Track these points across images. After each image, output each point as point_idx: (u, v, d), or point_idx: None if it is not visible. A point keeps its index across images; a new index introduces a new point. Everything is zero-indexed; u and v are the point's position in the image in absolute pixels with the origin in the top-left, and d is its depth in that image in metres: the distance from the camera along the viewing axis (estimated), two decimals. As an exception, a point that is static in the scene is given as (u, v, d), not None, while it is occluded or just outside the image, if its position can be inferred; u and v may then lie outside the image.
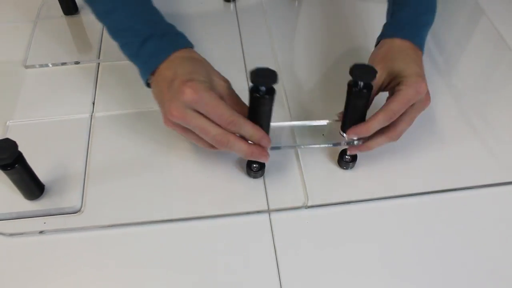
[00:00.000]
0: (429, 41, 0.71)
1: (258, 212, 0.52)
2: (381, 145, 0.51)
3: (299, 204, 0.52)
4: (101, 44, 0.69)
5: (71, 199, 0.52)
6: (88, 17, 0.73)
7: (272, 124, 0.50)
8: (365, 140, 0.52)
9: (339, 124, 0.53)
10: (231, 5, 0.75)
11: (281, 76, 0.64)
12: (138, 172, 0.54)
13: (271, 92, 0.46)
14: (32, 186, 0.50)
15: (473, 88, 0.65)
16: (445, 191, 0.53)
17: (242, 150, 0.47)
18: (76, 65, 0.66)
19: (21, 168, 0.47)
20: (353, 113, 0.50)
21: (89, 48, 0.68)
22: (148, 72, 0.50)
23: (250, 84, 0.45)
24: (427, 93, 0.50)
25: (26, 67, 0.65)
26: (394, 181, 0.54)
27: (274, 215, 0.51)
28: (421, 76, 0.49)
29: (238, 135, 0.47)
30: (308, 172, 0.54)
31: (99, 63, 0.66)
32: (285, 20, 0.74)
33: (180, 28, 0.53)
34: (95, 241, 0.49)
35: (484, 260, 0.49)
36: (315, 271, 0.48)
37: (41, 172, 0.52)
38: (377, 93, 0.52)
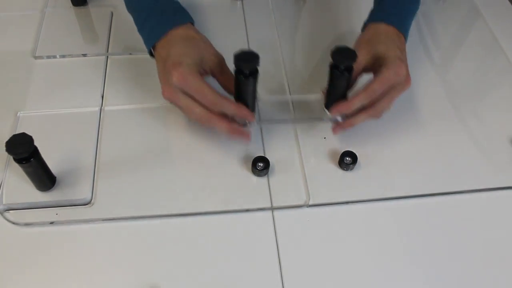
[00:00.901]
0: (426, 34, 0.73)
1: (262, 209, 0.54)
2: (363, 121, 0.55)
3: (301, 202, 0.54)
4: (109, 37, 0.70)
5: (81, 191, 0.54)
6: (96, 9, 0.74)
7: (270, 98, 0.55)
8: (347, 117, 0.55)
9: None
10: (238, 3, 0.76)
11: (286, 72, 0.66)
12: (146, 166, 0.56)
13: (253, 74, 0.50)
14: (45, 179, 0.52)
15: (467, 86, 0.67)
16: (441, 194, 0.56)
17: (223, 128, 0.52)
18: (85, 57, 0.67)
19: (36, 162, 0.48)
20: (335, 93, 0.54)
21: (98, 41, 0.69)
22: (149, 46, 0.56)
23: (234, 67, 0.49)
24: (408, 75, 0.53)
25: (36, 57, 0.66)
26: (392, 183, 0.56)
27: (277, 213, 0.54)
28: (402, 59, 0.53)
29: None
30: (310, 172, 0.56)
31: (107, 56, 0.67)
32: (292, 19, 0.75)
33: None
34: (105, 233, 0.52)
35: (479, 264, 0.51)
36: (315, 267, 0.50)
37: (52, 163, 0.53)
38: (360, 73, 0.56)
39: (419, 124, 0.62)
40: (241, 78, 0.50)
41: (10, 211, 0.52)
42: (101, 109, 0.61)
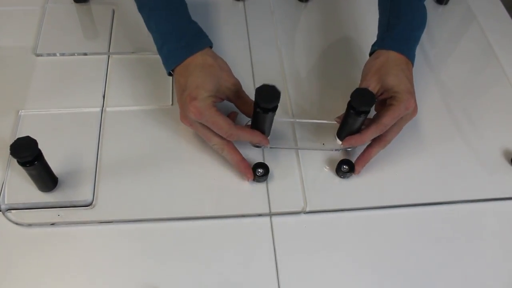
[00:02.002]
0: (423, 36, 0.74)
1: (260, 215, 0.55)
2: (376, 154, 0.57)
3: (298, 209, 0.56)
4: (111, 35, 0.70)
5: (83, 193, 0.54)
6: (98, 6, 0.73)
7: (275, 122, 0.55)
8: (362, 154, 0.58)
9: (336, 126, 0.58)
10: (240, 4, 0.77)
11: (286, 76, 0.67)
12: (147, 169, 0.57)
13: (273, 109, 0.51)
14: (47, 180, 0.53)
15: (460, 87, 0.69)
16: (436, 203, 0.58)
17: (234, 160, 0.56)
18: (86, 56, 0.67)
19: (40, 165, 0.49)
20: (350, 128, 0.55)
21: (99, 39, 0.69)
22: (168, 69, 0.57)
23: (255, 99, 0.50)
24: (416, 106, 0.56)
25: (37, 55, 0.66)
26: (388, 191, 0.58)
27: (275, 219, 0.55)
28: (411, 93, 0.55)
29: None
30: (308, 180, 0.58)
31: (109, 56, 0.67)
32: (292, 21, 0.76)
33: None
34: (105, 235, 0.52)
35: (473, 273, 0.53)
36: (311, 273, 0.52)
37: (54, 164, 0.54)
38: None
39: (416, 135, 0.63)
40: (260, 113, 0.51)
41: (12, 211, 0.53)
42: (102, 110, 0.61)
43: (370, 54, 0.60)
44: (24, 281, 0.49)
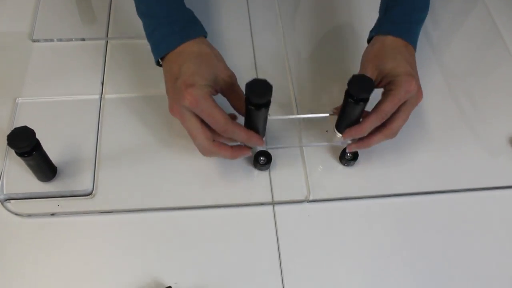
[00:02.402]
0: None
1: (263, 204, 0.54)
2: (379, 142, 0.54)
3: (302, 198, 0.55)
4: (109, 20, 0.68)
5: (83, 182, 0.54)
6: (95, -10, 0.72)
7: (277, 117, 0.52)
8: (362, 138, 0.54)
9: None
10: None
11: (289, 66, 0.66)
12: (148, 158, 0.56)
13: (266, 104, 0.47)
14: (46, 170, 0.52)
15: (464, 70, 0.68)
16: (440, 192, 0.57)
17: (226, 155, 0.51)
18: (84, 41, 0.65)
19: (38, 155, 0.48)
20: (347, 118, 0.52)
21: (97, 25, 0.67)
22: (157, 56, 0.53)
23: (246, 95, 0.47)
24: (419, 88, 0.52)
25: (33, 40, 0.65)
26: (392, 180, 0.57)
27: (278, 208, 0.54)
28: (411, 74, 0.51)
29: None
30: (311, 168, 0.57)
31: (107, 41, 0.66)
32: (294, 5, 0.74)
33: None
34: (106, 225, 0.52)
35: (477, 261, 0.53)
36: (314, 262, 0.51)
37: (52, 153, 0.53)
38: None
39: (419, 121, 0.62)
40: (252, 110, 0.48)
41: (11, 201, 0.52)
42: (101, 97, 0.60)
43: (368, 41, 0.58)
44: (23, 272, 0.49)
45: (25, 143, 0.46)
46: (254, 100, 0.46)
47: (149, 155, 0.56)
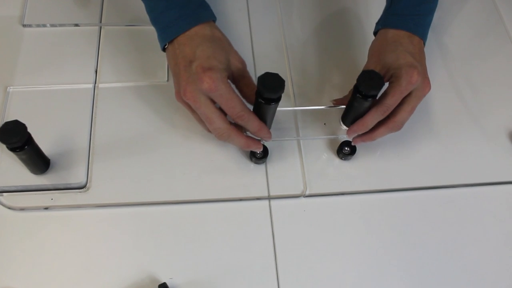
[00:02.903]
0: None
1: (259, 198, 0.54)
2: (383, 135, 0.53)
3: (298, 192, 0.54)
4: (102, 4, 0.66)
5: (76, 175, 0.53)
6: (88, -28, 0.69)
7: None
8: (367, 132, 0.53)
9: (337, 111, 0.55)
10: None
11: (288, 59, 0.64)
12: (143, 150, 0.55)
13: (277, 99, 0.46)
14: (38, 163, 0.51)
15: (463, 52, 0.67)
16: (438, 187, 0.57)
17: (240, 143, 0.50)
18: (77, 27, 0.63)
19: (30, 149, 0.47)
20: (355, 112, 0.51)
21: (90, 9, 0.65)
22: (166, 39, 0.50)
23: (257, 88, 0.46)
24: (425, 79, 0.51)
25: (24, 25, 0.63)
26: (390, 174, 0.56)
27: (274, 202, 0.54)
28: (412, 65, 0.49)
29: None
30: (309, 162, 0.56)
31: (101, 27, 0.64)
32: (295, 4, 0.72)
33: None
34: (100, 219, 0.51)
35: (474, 256, 0.53)
36: (309, 258, 0.51)
37: (45, 144, 0.52)
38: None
39: (420, 116, 0.61)
40: (262, 103, 0.46)
41: (4, 193, 0.52)
42: (95, 86, 0.59)
43: (375, 33, 0.57)
44: (17, 266, 0.48)
45: (16, 138, 0.44)
46: (266, 95, 0.45)
47: (144, 147, 0.55)
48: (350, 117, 0.53)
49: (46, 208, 0.51)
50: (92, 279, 0.48)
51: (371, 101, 0.49)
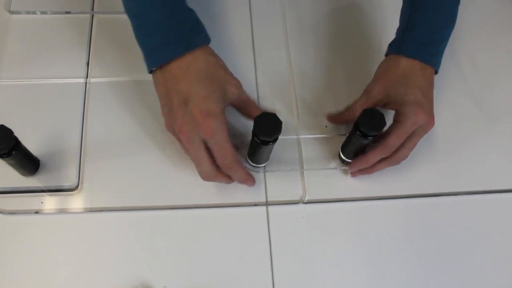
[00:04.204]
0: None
1: (256, 204, 0.52)
2: (383, 169, 0.52)
3: (297, 198, 0.53)
4: (94, -10, 0.62)
5: (67, 176, 0.51)
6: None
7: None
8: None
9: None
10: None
11: (293, 74, 0.61)
12: (137, 150, 0.53)
13: (274, 141, 0.46)
14: (27, 166, 0.49)
15: (467, 34, 0.65)
16: (437, 195, 0.55)
17: (225, 182, 0.50)
18: (68, 15, 0.60)
19: (18, 154, 0.45)
20: (354, 146, 0.51)
21: (82, -5, 0.62)
22: (151, 66, 0.47)
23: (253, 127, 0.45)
24: (430, 116, 0.49)
25: (11, 12, 0.59)
26: (390, 181, 0.55)
27: (272, 208, 0.52)
28: (419, 104, 0.48)
29: None
30: (308, 167, 0.54)
31: (92, 15, 0.60)
32: (301, 12, 0.66)
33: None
34: (91, 223, 0.50)
35: (475, 264, 0.52)
36: (306, 266, 0.50)
37: (33, 144, 0.50)
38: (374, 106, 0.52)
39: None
40: (259, 143, 0.45)
41: (-8, 195, 0.50)
42: (86, 81, 0.56)
43: (387, 55, 0.54)
44: (6, 271, 0.47)
45: (2, 145, 0.42)
46: (262, 138, 0.44)
47: (138, 148, 0.53)
48: (349, 150, 0.52)
49: (36, 212, 0.49)
50: (83, 287, 0.47)
51: (371, 140, 0.47)
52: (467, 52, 0.64)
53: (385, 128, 0.49)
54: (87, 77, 0.56)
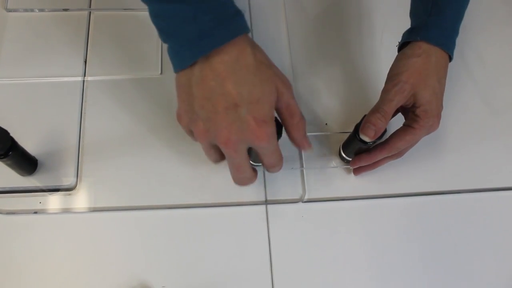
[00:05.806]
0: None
1: (256, 203, 0.52)
2: (384, 164, 0.52)
3: (297, 197, 0.52)
4: (92, -13, 0.61)
5: (66, 175, 0.51)
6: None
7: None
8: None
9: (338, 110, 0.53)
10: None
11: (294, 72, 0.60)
12: (136, 150, 0.53)
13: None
14: (25, 166, 0.48)
15: (474, 27, 0.64)
16: (438, 193, 0.55)
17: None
18: (66, 12, 0.59)
19: (14, 155, 0.44)
20: (354, 148, 0.50)
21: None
22: (194, 56, 0.37)
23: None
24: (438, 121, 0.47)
25: (8, 10, 0.58)
26: (391, 180, 0.54)
27: (271, 207, 0.52)
28: (438, 115, 0.46)
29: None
30: (308, 165, 0.54)
31: (90, 12, 0.59)
32: (303, 13, 0.65)
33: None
34: (90, 223, 0.50)
35: (471, 263, 0.52)
36: (305, 265, 0.50)
37: (31, 144, 0.50)
38: (396, 113, 0.48)
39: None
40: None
41: (-10, 195, 0.50)
42: (84, 79, 0.55)
43: (402, 44, 0.48)
44: (5, 271, 0.47)
45: (-2, 146, 0.42)
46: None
47: (137, 146, 0.53)
48: (350, 151, 0.51)
49: (35, 212, 0.49)
50: (82, 287, 0.47)
51: (371, 145, 0.47)
52: (474, 46, 0.63)
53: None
54: (84, 75, 0.56)
